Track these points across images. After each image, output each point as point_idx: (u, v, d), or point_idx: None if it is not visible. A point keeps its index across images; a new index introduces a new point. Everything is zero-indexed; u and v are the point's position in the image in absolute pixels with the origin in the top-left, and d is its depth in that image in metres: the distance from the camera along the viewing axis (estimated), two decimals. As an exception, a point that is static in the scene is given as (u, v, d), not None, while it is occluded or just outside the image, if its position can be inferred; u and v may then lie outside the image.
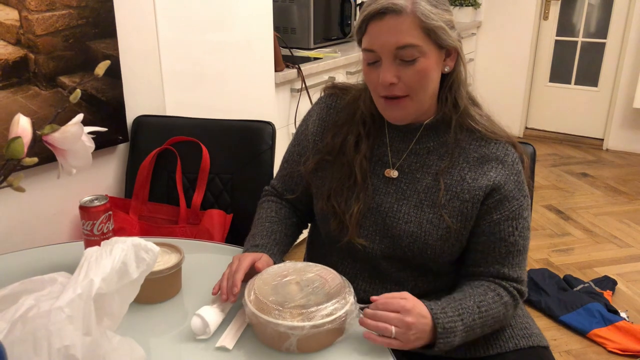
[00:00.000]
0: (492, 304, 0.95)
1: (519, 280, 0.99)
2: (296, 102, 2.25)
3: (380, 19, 0.90)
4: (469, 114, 1.00)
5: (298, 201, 1.14)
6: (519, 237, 0.98)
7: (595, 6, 3.92)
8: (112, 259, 0.66)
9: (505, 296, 0.97)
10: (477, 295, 0.95)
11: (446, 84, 0.99)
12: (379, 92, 0.95)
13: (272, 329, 0.81)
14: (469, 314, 0.91)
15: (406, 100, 0.94)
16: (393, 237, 0.99)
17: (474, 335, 0.94)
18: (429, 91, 0.96)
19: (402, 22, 0.89)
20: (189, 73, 1.75)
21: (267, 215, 1.11)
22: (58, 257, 1.11)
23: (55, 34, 1.34)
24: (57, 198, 1.44)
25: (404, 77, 0.92)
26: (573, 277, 2.34)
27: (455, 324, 0.89)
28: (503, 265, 0.98)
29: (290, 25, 2.66)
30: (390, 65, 0.92)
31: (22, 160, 0.76)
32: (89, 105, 1.44)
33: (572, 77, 4.09)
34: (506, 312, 0.97)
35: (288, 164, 1.14)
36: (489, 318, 0.94)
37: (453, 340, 0.89)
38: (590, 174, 3.56)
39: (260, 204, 1.16)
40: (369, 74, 0.96)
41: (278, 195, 1.16)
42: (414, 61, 0.91)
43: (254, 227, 1.10)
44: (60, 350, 0.59)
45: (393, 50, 0.90)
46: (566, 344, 1.98)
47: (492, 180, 0.97)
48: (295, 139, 1.14)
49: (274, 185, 1.18)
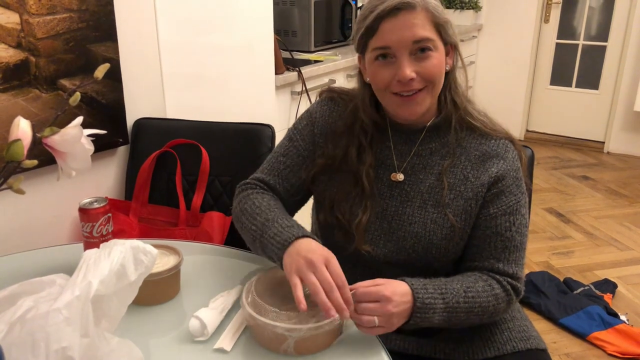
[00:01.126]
0: (482, 292, 0.93)
1: (514, 277, 0.98)
2: (296, 105, 2.25)
3: (394, 16, 0.91)
4: (468, 112, 1.01)
5: (290, 197, 1.07)
6: (516, 232, 0.98)
7: (596, 9, 3.93)
8: (111, 261, 0.66)
9: (497, 288, 0.96)
10: (467, 281, 0.94)
11: (446, 84, 1.00)
12: (392, 89, 0.95)
13: (270, 331, 0.81)
14: (453, 295, 0.90)
15: (423, 93, 0.95)
16: (397, 239, 0.99)
17: (457, 320, 0.92)
18: (441, 84, 0.98)
19: (416, 17, 0.91)
20: (189, 76, 1.76)
21: (269, 203, 1.00)
22: (57, 259, 1.11)
23: (55, 37, 1.34)
24: (56, 200, 1.45)
25: (421, 72, 0.93)
26: (573, 280, 2.34)
27: (435, 300, 0.88)
28: (498, 260, 0.97)
29: (291, 28, 2.67)
30: (407, 60, 0.92)
31: (22, 163, 0.76)
32: (89, 108, 1.44)
33: (573, 80, 4.09)
34: (497, 305, 0.95)
35: (287, 157, 1.08)
36: (476, 306, 0.92)
37: (432, 317, 0.88)
38: (591, 177, 3.56)
39: (247, 195, 1.04)
40: (380, 72, 0.95)
41: (266, 189, 1.07)
42: (429, 55, 0.93)
43: (261, 214, 0.97)
44: (58, 351, 0.59)
45: (410, 45, 0.92)
46: (566, 347, 1.98)
47: (493, 175, 0.97)
48: (298, 134, 1.09)
49: (261, 178, 1.08)
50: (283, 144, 1.10)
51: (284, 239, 0.90)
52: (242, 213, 1.01)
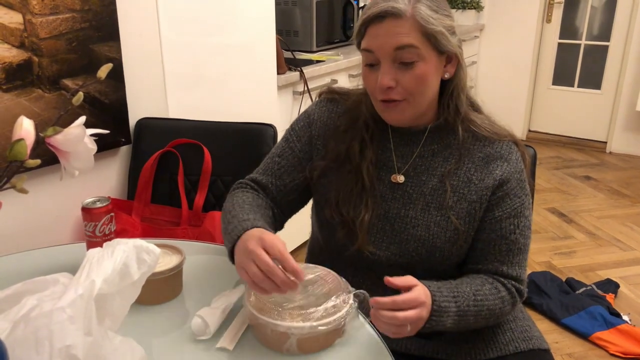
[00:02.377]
0: (489, 295, 0.94)
1: (518, 279, 0.98)
2: (298, 105, 2.25)
3: (380, 22, 0.91)
4: (470, 119, 1.00)
5: (283, 197, 1.07)
6: (520, 235, 0.98)
7: (598, 9, 3.92)
8: (114, 260, 0.67)
9: (502, 291, 0.96)
10: (475, 284, 0.94)
11: (447, 91, 0.99)
12: (376, 95, 0.96)
13: (272, 330, 0.82)
14: (464, 299, 0.90)
15: (403, 104, 0.94)
16: (401, 242, 0.99)
17: (466, 323, 0.92)
18: (427, 96, 0.96)
19: (401, 25, 0.90)
20: (191, 76, 1.76)
21: (244, 200, 1.01)
22: (60, 258, 1.11)
23: (58, 37, 1.35)
24: (59, 200, 1.45)
25: (402, 81, 0.92)
26: (575, 280, 2.34)
27: (449, 304, 0.88)
28: (502, 263, 0.97)
29: (293, 28, 2.67)
30: (389, 68, 0.92)
31: (25, 162, 0.77)
32: (92, 107, 1.45)
33: (575, 80, 4.09)
34: (503, 307, 0.96)
35: (282, 158, 1.08)
36: (484, 309, 0.92)
37: (445, 321, 0.88)
38: (593, 177, 3.55)
39: (233, 194, 1.05)
40: (367, 77, 0.97)
41: (257, 189, 1.07)
42: (413, 65, 0.91)
43: (231, 211, 0.97)
44: (62, 350, 0.59)
45: (391, 51, 0.91)
46: (568, 347, 1.98)
47: (497, 178, 0.97)
48: (294, 135, 1.09)
49: (254, 179, 1.09)
50: (280, 145, 1.11)
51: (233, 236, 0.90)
52: (222, 212, 1.02)
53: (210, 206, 1.53)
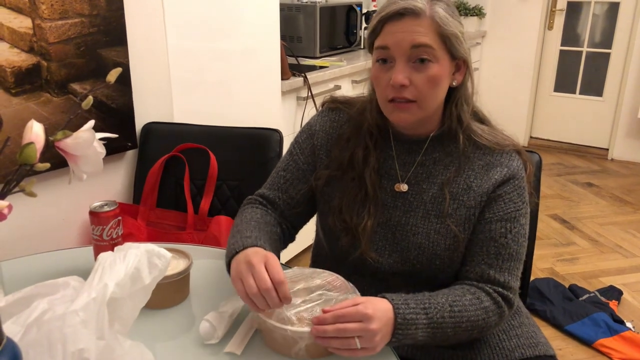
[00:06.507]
0: (469, 305, 0.90)
1: (506, 286, 0.95)
2: (302, 110, 2.26)
3: (398, 19, 0.91)
4: (472, 130, 1.00)
5: (291, 210, 1.08)
6: (512, 241, 0.96)
7: (600, 16, 3.94)
8: (126, 264, 0.67)
9: (486, 301, 0.92)
10: (453, 295, 0.91)
11: (453, 99, 0.99)
12: (387, 94, 0.95)
13: (280, 335, 0.82)
14: (437, 310, 0.87)
15: (413, 106, 0.95)
16: (402, 250, 0.99)
17: (444, 335, 0.88)
18: (436, 100, 0.96)
19: (419, 24, 0.91)
20: (197, 81, 1.77)
21: (252, 217, 1.03)
22: (67, 262, 1.12)
23: (67, 42, 1.36)
24: (65, 203, 1.46)
25: (415, 81, 0.92)
26: (578, 286, 2.34)
27: (417, 316, 0.85)
28: (490, 266, 0.95)
29: (297, 34, 2.69)
30: (403, 66, 0.92)
31: (35, 166, 0.77)
32: (98, 112, 1.45)
33: (577, 87, 4.10)
34: (487, 319, 0.92)
35: (287, 172, 1.10)
36: (464, 320, 0.89)
37: (415, 334, 0.85)
38: (595, 184, 3.55)
39: (243, 210, 1.08)
40: (378, 75, 0.96)
41: (265, 204, 1.09)
42: (427, 65, 0.92)
43: (238, 226, 1.00)
44: (75, 353, 0.59)
45: (408, 49, 0.91)
46: (572, 354, 1.98)
47: (495, 183, 0.97)
48: (298, 148, 1.10)
49: (262, 194, 1.11)
50: (284, 159, 1.12)
51: (234, 248, 0.92)
52: (232, 227, 1.04)
53: (216, 211, 1.54)
